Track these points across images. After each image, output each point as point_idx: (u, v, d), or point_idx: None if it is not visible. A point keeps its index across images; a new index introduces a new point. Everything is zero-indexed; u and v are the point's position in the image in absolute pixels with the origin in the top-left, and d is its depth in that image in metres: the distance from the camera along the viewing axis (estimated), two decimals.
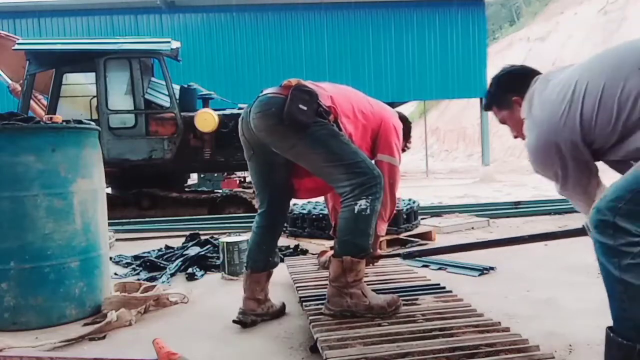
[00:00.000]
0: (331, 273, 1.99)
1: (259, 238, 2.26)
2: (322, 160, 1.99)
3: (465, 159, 23.08)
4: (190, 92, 6.86)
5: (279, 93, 2.02)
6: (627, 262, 1.15)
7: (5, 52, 6.57)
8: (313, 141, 1.97)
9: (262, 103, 2.04)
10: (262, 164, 2.21)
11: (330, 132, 1.99)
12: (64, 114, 3.99)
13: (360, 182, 1.93)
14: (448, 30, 13.71)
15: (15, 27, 12.13)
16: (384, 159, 2.25)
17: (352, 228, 1.94)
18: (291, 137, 1.98)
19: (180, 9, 13.19)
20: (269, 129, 2.02)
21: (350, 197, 1.94)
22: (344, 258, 1.94)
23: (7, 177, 2.27)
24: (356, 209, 1.91)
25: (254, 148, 2.17)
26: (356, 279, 1.96)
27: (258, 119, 2.03)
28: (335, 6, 13.40)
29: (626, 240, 1.15)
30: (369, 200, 1.92)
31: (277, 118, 1.96)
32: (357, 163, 1.96)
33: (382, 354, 1.56)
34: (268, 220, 2.26)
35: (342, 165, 1.96)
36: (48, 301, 2.33)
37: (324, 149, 1.97)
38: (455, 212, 5.69)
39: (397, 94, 14.00)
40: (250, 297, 2.23)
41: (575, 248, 3.05)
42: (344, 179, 1.95)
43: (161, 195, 6.71)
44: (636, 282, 1.15)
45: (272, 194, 2.25)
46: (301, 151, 2.01)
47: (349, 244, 1.95)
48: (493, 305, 2.33)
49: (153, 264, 3.48)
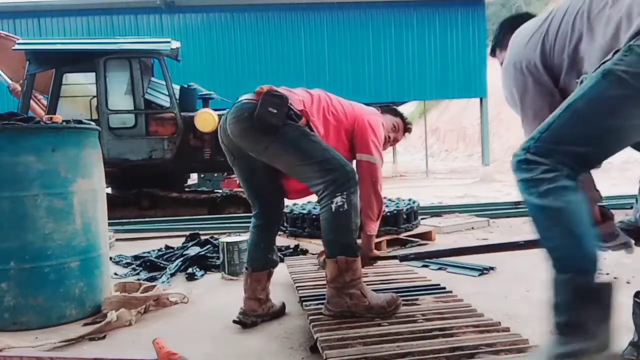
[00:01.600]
0: (328, 274, 1.99)
1: (255, 237, 2.28)
2: (295, 160, 2.01)
3: (465, 159, 23.08)
4: (190, 92, 6.87)
5: (252, 99, 2.06)
6: (544, 188, 1.20)
7: (5, 52, 6.57)
8: (284, 142, 2.00)
9: (236, 109, 2.08)
10: (244, 168, 2.24)
11: (300, 132, 2.01)
12: (64, 114, 3.99)
13: (333, 178, 1.94)
14: (448, 30, 13.69)
15: (15, 27, 12.12)
16: (363, 158, 2.24)
17: (334, 227, 1.96)
18: (263, 139, 2.01)
19: (180, 9, 13.18)
20: (242, 133, 2.05)
21: (325, 195, 1.96)
22: (339, 258, 1.94)
23: (7, 177, 2.27)
24: (333, 208, 1.93)
25: (234, 153, 2.21)
26: (354, 278, 1.95)
27: (232, 124, 2.07)
28: (335, 6, 13.38)
29: (540, 169, 1.21)
30: (344, 195, 1.93)
31: (249, 122, 2.00)
32: (328, 160, 1.98)
33: (382, 354, 1.56)
34: (262, 220, 2.28)
35: (314, 163, 1.97)
36: (48, 301, 2.33)
37: (295, 148, 2.00)
38: (455, 212, 5.69)
39: (397, 94, 13.99)
40: (251, 297, 2.23)
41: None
42: (317, 177, 1.97)
43: (161, 195, 6.71)
44: (554, 205, 1.18)
45: (260, 195, 2.28)
46: (274, 153, 2.03)
47: (336, 244, 1.97)
48: (493, 305, 2.33)
49: (153, 264, 3.48)
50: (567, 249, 1.20)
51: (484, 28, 14.08)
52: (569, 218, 1.19)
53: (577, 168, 1.22)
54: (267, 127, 1.97)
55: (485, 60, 13.88)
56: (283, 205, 2.38)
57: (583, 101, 1.23)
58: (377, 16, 13.55)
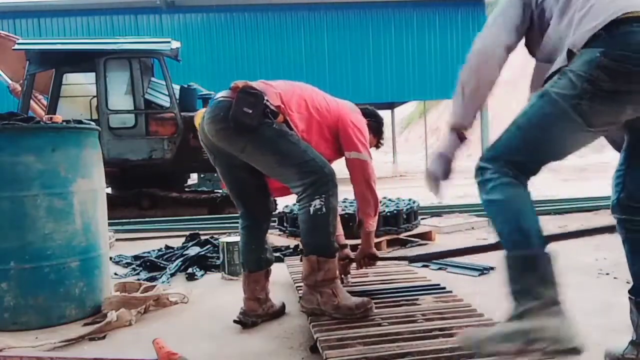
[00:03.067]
0: (303, 272, 2.02)
1: (245, 238, 2.27)
2: (273, 162, 2.00)
3: (465, 159, 23.05)
4: (190, 92, 6.87)
5: (227, 97, 2.02)
6: (490, 185, 1.45)
7: (5, 52, 6.57)
8: (261, 143, 1.96)
9: (212, 108, 2.05)
10: (224, 167, 2.20)
11: (277, 133, 1.97)
12: (64, 114, 3.98)
13: (312, 181, 1.93)
14: (448, 30, 13.69)
15: (15, 27, 12.12)
16: (352, 156, 2.18)
17: (311, 229, 1.96)
18: (239, 140, 1.98)
19: (180, 9, 13.18)
20: (219, 134, 2.02)
21: (304, 197, 1.95)
22: (310, 257, 1.96)
23: (7, 177, 2.27)
24: (311, 210, 1.92)
25: (213, 152, 2.18)
26: (325, 277, 1.96)
27: (208, 124, 2.04)
28: (335, 6, 13.38)
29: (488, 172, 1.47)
30: (323, 198, 1.92)
31: (224, 122, 1.97)
32: (307, 162, 1.95)
33: (382, 354, 1.56)
34: (248, 220, 2.26)
35: (292, 165, 1.96)
36: (48, 301, 2.33)
37: (272, 150, 1.97)
38: (455, 212, 5.69)
39: (397, 94, 14.00)
40: (250, 297, 2.23)
41: (575, 248, 3.05)
42: (296, 179, 1.96)
43: (161, 195, 6.71)
44: (497, 197, 1.43)
45: (243, 195, 2.25)
46: (251, 153, 2.01)
47: (311, 245, 1.98)
48: (493, 305, 2.33)
49: (153, 264, 3.48)
50: (507, 229, 1.45)
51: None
52: (509, 206, 1.43)
53: (519, 173, 1.43)
54: (242, 128, 1.93)
55: None
56: (270, 203, 2.31)
57: (524, 118, 1.44)
58: (377, 16, 13.55)
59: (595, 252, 3.44)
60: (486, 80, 1.64)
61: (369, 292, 2.20)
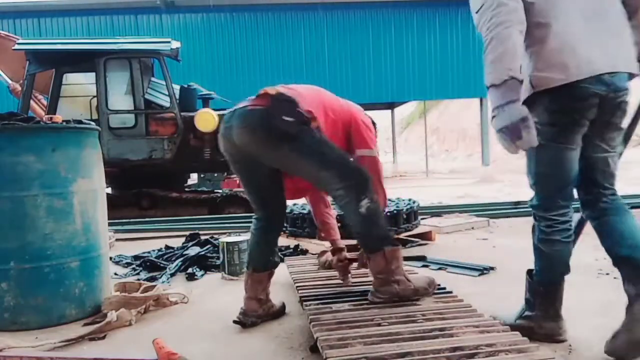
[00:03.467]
0: (374, 267, 2.05)
1: (257, 239, 2.27)
2: (314, 167, 2.01)
3: (465, 159, 23.07)
4: (190, 92, 6.87)
5: (258, 104, 2.02)
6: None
7: (5, 52, 6.57)
8: (303, 150, 1.98)
9: (242, 117, 2.04)
10: (248, 173, 2.22)
11: (317, 139, 2.01)
12: (64, 114, 3.99)
13: (353, 183, 1.98)
14: (448, 30, 13.69)
15: (15, 27, 12.12)
16: (364, 154, 2.25)
17: (370, 226, 2.01)
18: (280, 148, 1.99)
19: (180, 9, 13.18)
20: (258, 143, 2.02)
21: (347, 200, 1.98)
22: (386, 250, 2.00)
23: (7, 177, 2.27)
24: (363, 210, 1.96)
25: (238, 160, 2.18)
26: (398, 265, 2.04)
27: (244, 133, 2.03)
28: (335, 6, 13.38)
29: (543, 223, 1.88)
30: (368, 196, 1.98)
31: (263, 132, 1.98)
32: (346, 165, 2.01)
33: (382, 354, 1.56)
34: (264, 222, 2.27)
35: (333, 169, 1.99)
36: (48, 301, 2.33)
37: (315, 156, 1.99)
38: (455, 212, 5.69)
39: (397, 94, 14.00)
40: (252, 297, 2.23)
41: (575, 248, 3.05)
42: (337, 182, 1.98)
43: (161, 195, 6.71)
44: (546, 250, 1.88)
45: (263, 198, 2.26)
46: (292, 161, 2.03)
47: (377, 239, 2.02)
48: (493, 305, 2.33)
49: (153, 264, 3.48)
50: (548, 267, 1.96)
51: None
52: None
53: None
54: (285, 136, 1.95)
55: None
56: (285, 206, 2.37)
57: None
58: (377, 16, 13.55)
59: (595, 252, 3.43)
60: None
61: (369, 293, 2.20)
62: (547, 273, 1.89)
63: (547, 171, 1.80)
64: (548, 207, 1.83)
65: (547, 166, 1.79)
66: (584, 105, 1.69)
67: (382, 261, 2.02)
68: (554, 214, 1.83)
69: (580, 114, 1.71)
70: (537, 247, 1.89)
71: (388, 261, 2.01)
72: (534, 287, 1.94)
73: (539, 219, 1.88)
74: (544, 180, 1.83)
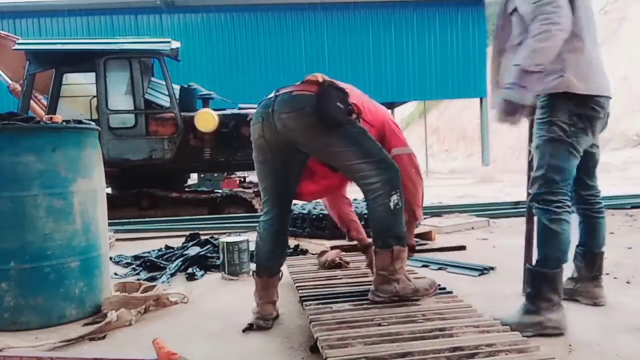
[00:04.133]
0: (378, 264, 2.06)
1: (272, 244, 2.23)
2: (355, 158, 2.01)
3: (465, 159, 23.08)
4: (190, 92, 6.87)
5: (306, 90, 2.01)
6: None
7: (5, 52, 6.57)
8: (347, 139, 2.00)
9: (289, 102, 2.01)
10: (278, 166, 2.16)
11: (360, 130, 2.05)
12: (64, 114, 3.99)
13: (389, 177, 2.00)
14: (448, 30, 13.70)
15: (15, 27, 12.13)
16: (402, 152, 2.28)
17: (392, 222, 2.02)
18: (327, 135, 1.99)
19: (180, 9, 13.19)
20: (304, 129, 2.00)
21: (381, 193, 1.99)
22: (394, 248, 2.02)
23: (7, 177, 2.27)
24: (391, 205, 1.99)
25: (274, 150, 2.11)
26: (401, 265, 2.07)
27: (290, 118, 2.00)
28: (335, 6, 13.39)
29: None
30: (398, 194, 2.01)
31: (313, 117, 1.96)
32: (384, 159, 2.03)
33: (382, 353, 1.56)
34: (278, 225, 2.23)
35: (373, 162, 2.01)
36: (48, 301, 2.33)
37: (357, 146, 2.01)
38: (455, 212, 5.69)
39: (397, 94, 14.02)
40: (268, 301, 2.22)
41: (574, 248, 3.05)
42: (374, 175, 2.00)
43: (161, 195, 6.71)
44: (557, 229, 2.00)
45: (283, 196, 2.23)
46: (336, 149, 2.02)
47: (393, 236, 2.04)
48: (493, 305, 2.33)
49: (153, 264, 3.48)
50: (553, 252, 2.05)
51: (484, 28, 14.08)
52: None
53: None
54: (335, 124, 1.96)
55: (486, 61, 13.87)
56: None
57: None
58: (377, 16, 13.56)
59: None
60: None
61: (369, 292, 2.20)
62: (555, 254, 2.00)
63: (558, 163, 2.01)
64: (556, 192, 2.02)
65: (559, 159, 2.01)
66: (599, 115, 2.02)
67: (388, 258, 2.04)
68: (562, 198, 2.02)
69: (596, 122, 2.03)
70: (546, 228, 2.00)
71: (394, 259, 2.04)
72: (538, 275, 2.03)
73: (547, 203, 2.01)
74: (555, 170, 2.01)
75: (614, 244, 3.74)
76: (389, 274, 2.05)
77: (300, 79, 2.11)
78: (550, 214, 2.00)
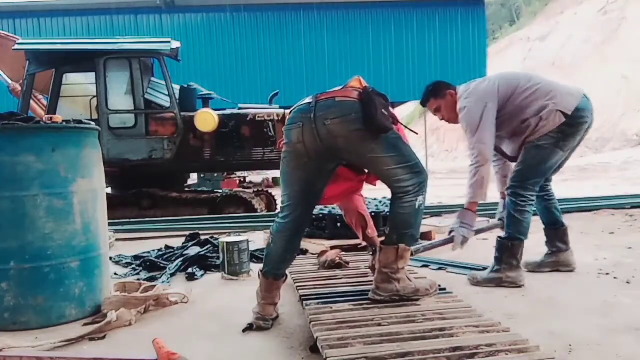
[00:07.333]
0: (382, 260, 2.10)
1: (285, 248, 2.20)
2: (393, 163, 2.06)
3: (465, 159, 23.05)
4: (190, 92, 6.86)
5: (349, 97, 2.03)
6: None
7: (5, 52, 6.57)
8: (388, 145, 2.04)
9: (334, 109, 2.00)
10: (312, 172, 2.14)
11: (397, 136, 2.10)
12: (64, 114, 3.98)
13: (420, 181, 2.08)
14: (448, 30, 13.71)
15: (15, 27, 12.13)
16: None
17: (413, 222, 2.09)
18: (371, 141, 2.02)
19: (180, 9, 13.19)
20: (350, 135, 2.01)
21: (411, 194, 2.06)
22: (400, 246, 2.08)
23: (7, 177, 2.27)
24: (417, 205, 2.06)
25: (312, 156, 2.08)
26: (404, 265, 2.12)
27: (336, 124, 1.99)
28: (335, 6, 13.40)
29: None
30: (424, 196, 2.10)
31: (360, 123, 1.98)
32: (417, 164, 2.10)
33: (382, 353, 1.56)
34: (295, 229, 2.20)
35: (408, 166, 2.07)
36: (48, 301, 2.33)
37: (395, 152, 2.06)
38: (455, 212, 5.67)
39: (397, 94, 13.99)
40: (270, 302, 2.22)
41: (575, 248, 3.05)
42: (408, 179, 2.06)
43: (161, 195, 6.71)
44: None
45: (309, 202, 2.21)
46: (377, 155, 2.05)
47: (407, 236, 2.09)
48: (493, 305, 2.33)
49: (153, 264, 3.48)
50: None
51: (484, 28, 14.09)
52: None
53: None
54: (381, 131, 2.00)
55: (485, 60, 13.89)
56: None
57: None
58: (377, 16, 13.56)
59: (595, 252, 3.44)
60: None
61: (369, 292, 2.20)
62: (516, 232, 2.71)
63: (542, 168, 2.71)
64: (528, 189, 2.70)
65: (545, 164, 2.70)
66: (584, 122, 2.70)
67: (393, 255, 2.08)
68: (530, 194, 2.71)
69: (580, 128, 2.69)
70: (512, 215, 2.72)
71: (397, 258, 2.08)
72: (503, 245, 2.73)
73: (517, 196, 2.70)
74: (537, 172, 2.71)
75: (614, 244, 3.74)
76: (391, 272, 2.08)
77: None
78: (517, 205, 2.69)
